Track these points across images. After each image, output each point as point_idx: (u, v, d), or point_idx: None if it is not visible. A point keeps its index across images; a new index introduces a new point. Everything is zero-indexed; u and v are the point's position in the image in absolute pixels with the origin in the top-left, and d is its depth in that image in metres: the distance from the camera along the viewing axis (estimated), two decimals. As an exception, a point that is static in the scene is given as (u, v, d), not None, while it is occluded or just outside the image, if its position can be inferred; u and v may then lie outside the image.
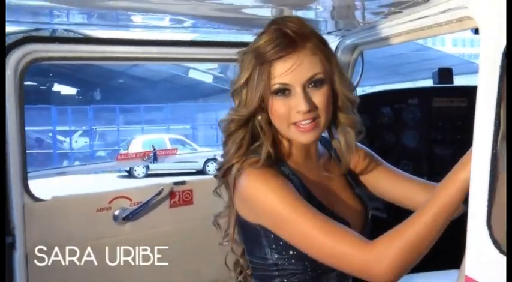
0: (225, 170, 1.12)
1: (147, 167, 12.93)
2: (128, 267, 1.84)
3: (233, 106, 1.13)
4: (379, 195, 1.27)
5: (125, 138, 15.62)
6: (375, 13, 1.39)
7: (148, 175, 13.03)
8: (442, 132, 2.39)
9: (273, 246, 1.07)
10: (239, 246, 1.19)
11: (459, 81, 2.65)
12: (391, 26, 1.38)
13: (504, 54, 0.79)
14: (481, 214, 0.81)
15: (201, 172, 12.62)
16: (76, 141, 16.69)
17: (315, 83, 1.05)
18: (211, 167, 12.45)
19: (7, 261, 1.65)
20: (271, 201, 1.01)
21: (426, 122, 2.41)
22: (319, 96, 1.06)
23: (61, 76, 19.08)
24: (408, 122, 2.42)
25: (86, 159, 15.69)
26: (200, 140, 16.73)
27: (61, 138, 16.63)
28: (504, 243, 0.77)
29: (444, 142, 2.38)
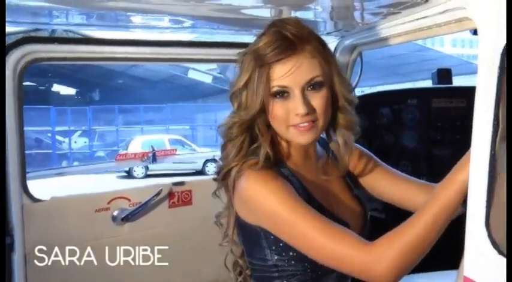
0: (225, 173, 1.11)
1: (147, 168, 12.93)
2: (127, 267, 1.83)
3: (233, 110, 1.12)
4: (377, 196, 1.27)
5: (124, 138, 15.62)
6: (374, 14, 1.39)
7: (147, 175, 13.03)
8: (441, 132, 2.39)
9: (273, 247, 1.07)
10: (238, 247, 1.19)
11: (458, 81, 2.65)
12: (390, 27, 1.39)
13: (503, 55, 0.79)
14: (480, 215, 0.81)
15: (200, 172, 12.62)
16: (75, 141, 16.68)
17: (314, 86, 1.05)
18: (210, 168, 12.47)
19: (6, 262, 1.65)
20: (270, 202, 1.01)
21: (425, 123, 2.41)
22: (318, 99, 1.05)
23: (60, 76, 19.06)
24: (407, 123, 2.42)
25: (85, 159, 15.68)
26: (199, 141, 16.72)
27: (60, 138, 16.62)
28: (502, 243, 0.77)
29: (443, 143, 2.38)
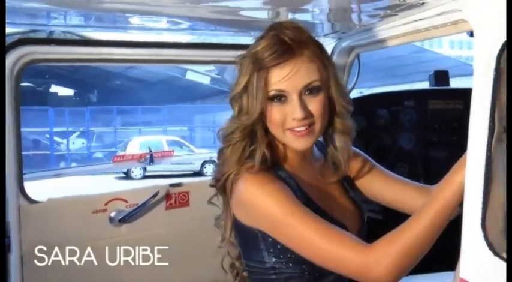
0: (225, 180, 1.10)
1: (145, 169, 12.92)
2: (125, 268, 1.83)
3: (233, 114, 1.11)
4: (372, 198, 1.27)
5: (122, 139, 15.61)
6: (371, 16, 1.39)
7: (145, 176, 13.02)
8: (438, 134, 2.40)
9: (271, 249, 1.07)
10: (235, 249, 1.19)
11: (456, 83, 2.66)
12: (387, 29, 1.39)
13: (499, 56, 0.79)
14: (476, 216, 0.81)
15: (199, 174, 12.62)
16: (73, 142, 16.66)
17: (311, 90, 1.05)
18: (208, 169, 12.47)
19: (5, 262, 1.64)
20: (268, 205, 1.01)
21: (422, 124, 2.41)
22: (315, 103, 1.06)
23: (58, 77, 19.05)
24: (404, 124, 2.42)
25: (83, 160, 15.66)
26: (198, 142, 16.72)
27: (58, 139, 16.59)
28: (498, 245, 0.78)
29: (440, 144, 2.38)
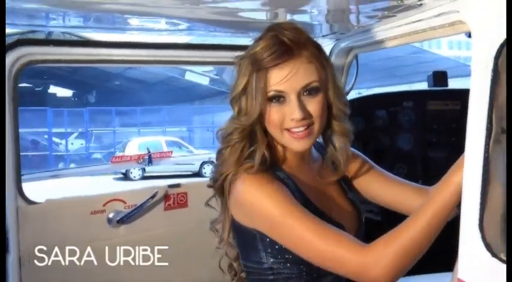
0: (223, 180, 1.10)
1: (143, 170, 12.90)
2: (124, 269, 1.83)
3: (233, 115, 1.11)
4: (370, 199, 1.27)
5: (121, 140, 15.59)
6: (369, 17, 1.40)
7: (144, 177, 13.01)
8: (437, 135, 2.40)
9: (269, 250, 1.07)
10: (233, 249, 1.19)
11: (455, 84, 2.66)
12: (386, 30, 1.39)
13: (496, 57, 0.79)
14: (473, 217, 0.81)
15: (198, 174, 12.61)
16: (72, 143, 16.64)
17: (310, 91, 1.05)
18: (207, 169, 12.46)
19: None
20: (266, 205, 1.01)
21: (421, 125, 2.42)
22: (313, 104, 1.06)
23: (57, 78, 19.02)
24: (403, 125, 2.43)
25: (82, 161, 15.64)
26: (196, 143, 16.71)
27: (57, 140, 16.57)
28: (496, 246, 0.78)
29: (439, 145, 2.39)
